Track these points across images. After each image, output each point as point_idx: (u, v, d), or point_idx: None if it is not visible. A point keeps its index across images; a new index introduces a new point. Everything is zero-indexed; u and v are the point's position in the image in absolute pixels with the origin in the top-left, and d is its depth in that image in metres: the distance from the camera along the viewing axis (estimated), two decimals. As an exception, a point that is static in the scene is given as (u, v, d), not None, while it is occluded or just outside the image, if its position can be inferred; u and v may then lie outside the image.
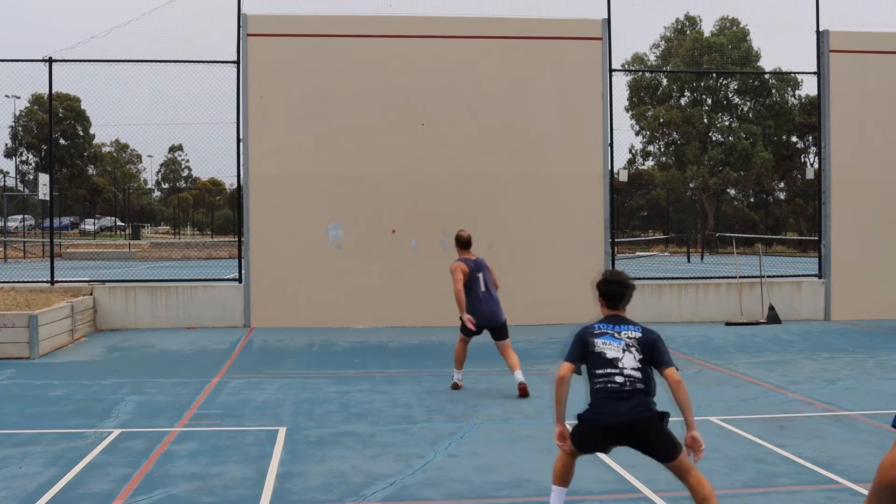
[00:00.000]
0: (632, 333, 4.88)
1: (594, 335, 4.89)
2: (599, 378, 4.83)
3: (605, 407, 4.81)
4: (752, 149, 49.10)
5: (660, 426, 4.84)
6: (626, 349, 4.83)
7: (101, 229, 57.89)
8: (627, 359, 4.81)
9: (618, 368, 4.79)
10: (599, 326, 4.94)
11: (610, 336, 4.87)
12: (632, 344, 4.84)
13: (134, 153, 77.68)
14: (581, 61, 15.55)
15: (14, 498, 5.76)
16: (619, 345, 4.84)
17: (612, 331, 4.89)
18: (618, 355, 4.82)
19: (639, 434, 4.81)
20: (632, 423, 4.78)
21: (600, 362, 4.82)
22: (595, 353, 4.84)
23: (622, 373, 4.79)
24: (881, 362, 11.46)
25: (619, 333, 4.88)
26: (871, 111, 16.27)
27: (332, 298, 14.92)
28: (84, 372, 10.61)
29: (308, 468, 6.46)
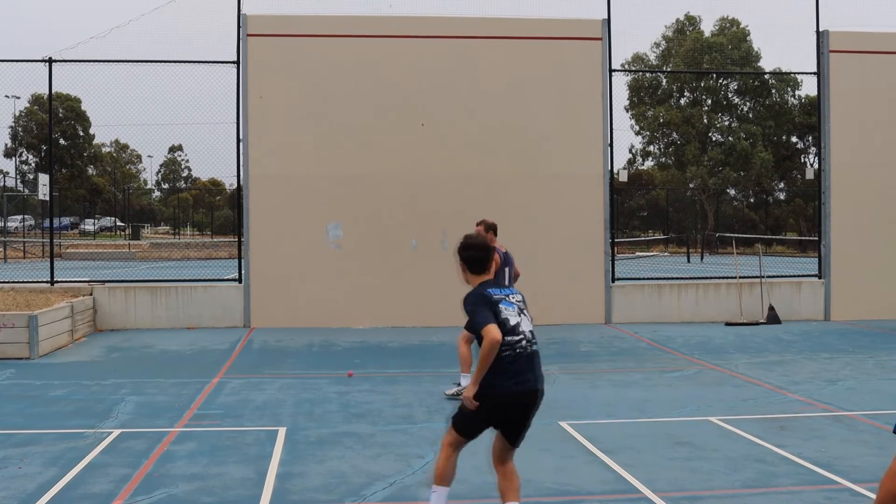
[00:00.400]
0: (517, 296, 4.79)
1: (496, 300, 4.65)
2: (507, 346, 4.57)
3: (522, 374, 4.59)
4: (751, 149, 49.09)
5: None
6: (520, 313, 4.71)
7: (101, 229, 57.87)
8: (524, 322, 4.71)
9: (521, 334, 4.66)
10: (493, 292, 4.71)
11: (506, 301, 4.71)
12: (522, 307, 4.75)
13: (134, 153, 77.70)
14: (581, 61, 15.55)
15: (14, 498, 5.76)
16: (513, 309, 4.69)
17: (503, 295, 4.72)
18: (518, 320, 4.68)
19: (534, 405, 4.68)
20: (539, 391, 4.67)
21: (507, 329, 4.59)
22: (502, 320, 4.59)
23: (526, 338, 4.66)
24: (881, 363, 11.47)
25: (508, 297, 4.74)
26: (871, 111, 16.26)
27: (332, 298, 14.91)
28: (84, 372, 10.61)
29: (308, 468, 6.47)
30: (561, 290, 15.19)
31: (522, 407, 4.64)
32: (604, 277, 15.55)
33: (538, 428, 7.72)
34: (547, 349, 12.64)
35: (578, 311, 15.37)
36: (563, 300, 15.18)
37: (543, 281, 15.21)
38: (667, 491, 5.92)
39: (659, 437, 7.39)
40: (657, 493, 5.88)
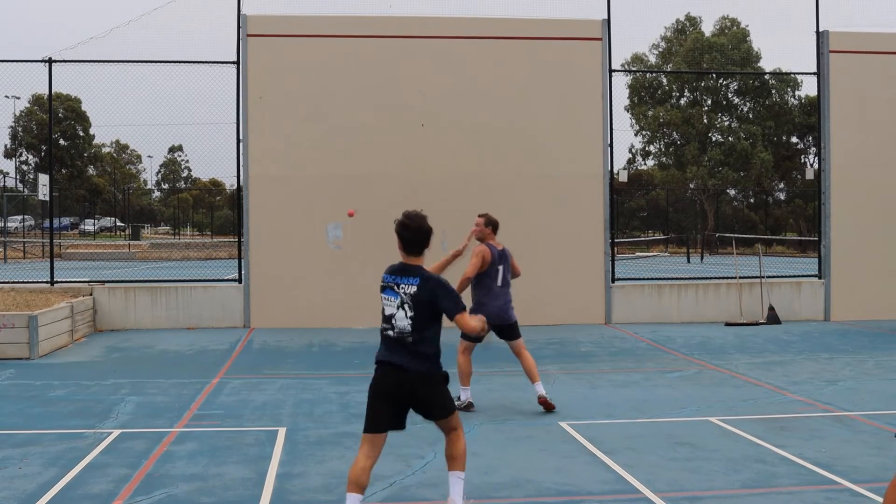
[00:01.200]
0: (412, 289, 4.84)
1: (382, 285, 4.95)
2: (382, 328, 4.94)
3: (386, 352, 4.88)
4: (751, 149, 49.09)
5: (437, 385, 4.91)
6: (401, 305, 4.83)
7: (101, 230, 57.86)
8: (399, 315, 4.84)
9: (390, 324, 4.86)
10: (386, 277, 4.96)
11: (391, 291, 4.89)
12: (406, 301, 4.82)
13: (134, 153, 77.69)
14: (581, 61, 15.55)
15: (14, 498, 5.76)
16: (395, 300, 4.85)
17: (393, 283, 4.90)
18: (393, 312, 4.85)
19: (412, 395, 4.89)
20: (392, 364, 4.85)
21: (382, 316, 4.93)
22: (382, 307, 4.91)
23: (394, 328, 4.84)
24: (881, 363, 11.47)
25: (398, 287, 4.88)
26: (871, 112, 16.26)
27: (332, 299, 14.91)
28: (84, 372, 10.61)
29: (308, 469, 6.47)
30: (561, 290, 15.19)
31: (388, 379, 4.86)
32: (604, 277, 15.55)
33: (538, 428, 7.75)
34: (547, 349, 12.64)
35: (578, 311, 15.36)
36: (562, 300, 15.17)
37: (543, 281, 15.21)
38: (667, 491, 5.92)
39: (659, 438, 7.39)
40: (657, 493, 5.88)
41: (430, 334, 4.87)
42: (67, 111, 59.21)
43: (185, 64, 15.61)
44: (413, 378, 4.80)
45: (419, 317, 4.80)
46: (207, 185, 68.73)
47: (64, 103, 57.67)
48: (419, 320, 4.80)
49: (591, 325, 15.12)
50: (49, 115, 18.64)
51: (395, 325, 4.82)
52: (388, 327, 4.86)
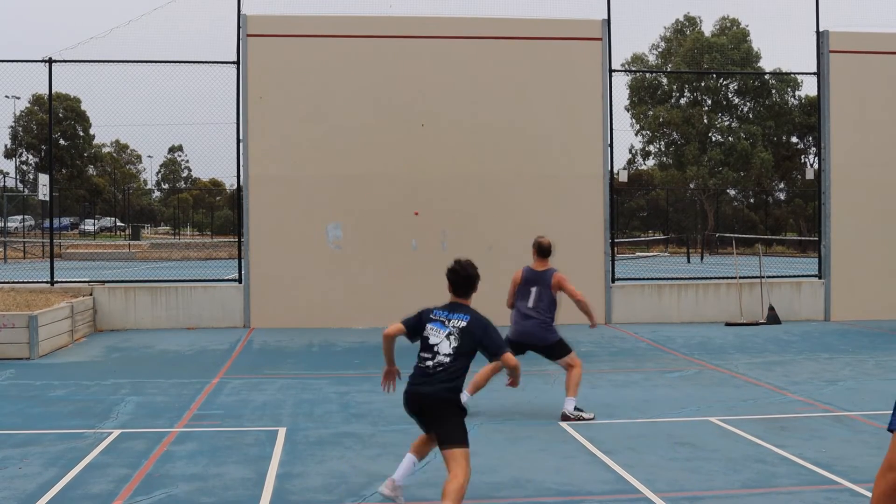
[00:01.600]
0: (458, 323, 5.29)
1: (429, 318, 5.38)
2: (419, 357, 5.34)
3: (413, 383, 5.29)
4: (751, 149, 49.09)
5: (454, 411, 5.20)
6: (448, 336, 5.26)
7: (101, 230, 57.85)
8: (443, 345, 5.24)
9: (433, 352, 5.24)
10: (436, 312, 5.41)
11: (439, 323, 5.33)
12: (454, 333, 5.25)
13: (134, 153, 77.64)
14: (581, 61, 15.55)
15: (14, 498, 5.75)
16: (442, 331, 5.28)
17: (443, 318, 5.34)
18: (438, 340, 5.26)
19: (429, 412, 5.22)
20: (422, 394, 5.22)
21: (424, 345, 5.32)
22: (424, 336, 5.34)
23: (435, 356, 5.23)
24: (881, 363, 11.47)
25: (448, 321, 5.31)
26: (871, 112, 16.26)
27: (332, 299, 14.91)
28: (84, 372, 10.61)
29: (308, 469, 6.46)
30: (561, 290, 15.15)
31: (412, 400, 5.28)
32: (604, 278, 15.55)
33: (538, 428, 7.75)
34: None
35: (578, 311, 15.30)
36: (562, 300, 15.12)
37: (543, 281, 15.20)
38: (667, 491, 5.92)
39: (659, 438, 7.39)
40: (657, 493, 5.88)
41: (462, 365, 5.24)
42: (67, 111, 59.19)
43: (185, 64, 15.61)
44: (434, 401, 5.20)
45: (460, 347, 5.22)
46: (207, 185, 68.72)
47: (64, 103, 57.64)
48: (459, 350, 5.21)
49: (591, 325, 15.09)
50: (49, 115, 18.64)
51: (436, 354, 5.23)
52: (429, 357, 5.26)
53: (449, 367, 5.16)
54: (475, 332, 5.22)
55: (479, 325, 5.24)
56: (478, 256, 15.48)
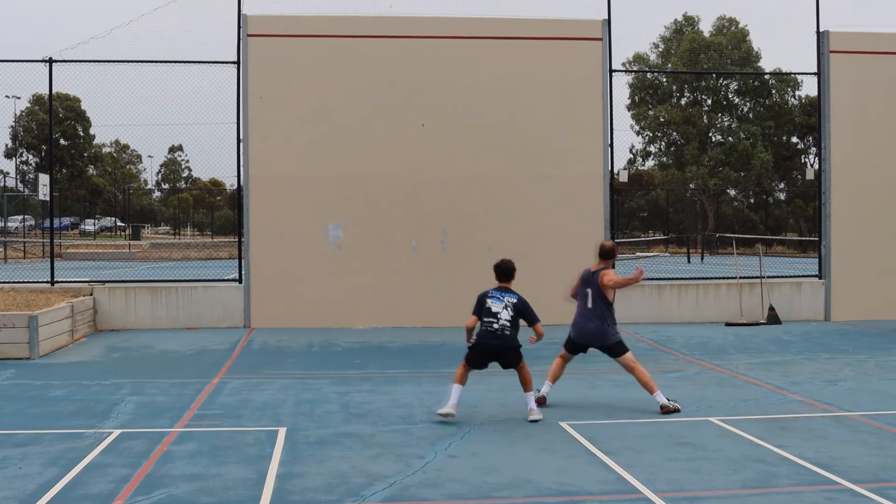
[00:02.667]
0: (510, 300, 8.10)
1: (488, 297, 8.13)
2: (485, 322, 8.05)
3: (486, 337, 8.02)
4: (751, 149, 49.08)
5: (516, 352, 8.09)
6: (504, 307, 8.04)
7: (101, 230, 57.83)
8: (503, 313, 8.03)
9: (495, 317, 8.01)
10: (492, 292, 8.18)
11: (496, 298, 8.11)
12: (508, 305, 8.06)
13: (134, 153, 77.68)
14: (581, 62, 15.54)
15: (14, 498, 5.76)
16: (500, 304, 8.06)
17: (499, 294, 8.15)
18: (498, 310, 8.03)
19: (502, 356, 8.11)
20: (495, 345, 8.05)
21: (487, 313, 8.04)
22: (486, 308, 8.05)
23: (498, 321, 8.00)
24: (881, 363, 11.47)
25: (502, 297, 8.12)
26: (872, 112, 16.26)
27: (332, 299, 14.91)
28: (84, 372, 10.61)
29: (308, 469, 6.47)
30: (561, 290, 15.11)
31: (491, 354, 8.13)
32: (604, 278, 15.52)
33: (539, 428, 7.75)
34: (547, 349, 12.59)
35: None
36: (562, 300, 15.12)
37: (543, 281, 15.19)
38: (667, 491, 5.92)
39: (659, 438, 7.39)
40: (657, 493, 5.88)
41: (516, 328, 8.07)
42: (67, 111, 59.17)
43: (185, 64, 15.60)
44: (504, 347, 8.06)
45: (514, 317, 8.05)
46: (207, 185, 68.70)
47: (64, 103, 57.63)
48: (513, 319, 8.04)
49: (591, 326, 15.08)
50: (49, 115, 18.65)
51: (499, 319, 8.00)
52: (494, 320, 8.00)
53: (510, 328, 7.98)
54: (521, 306, 8.08)
55: (522, 303, 8.11)
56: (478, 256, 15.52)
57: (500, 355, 8.09)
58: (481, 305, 8.06)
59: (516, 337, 8.05)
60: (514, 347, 8.06)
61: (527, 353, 10.51)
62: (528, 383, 8.12)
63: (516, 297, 8.11)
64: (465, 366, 8.16)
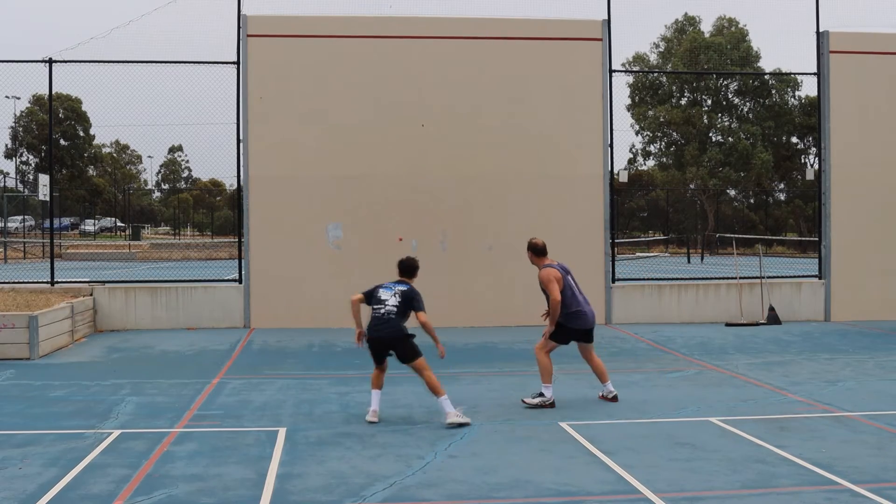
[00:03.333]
0: (400, 289, 8.17)
1: (381, 287, 8.26)
2: (374, 310, 8.12)
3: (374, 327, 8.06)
4: (751, 149, 49.08)
5: (407, 341, 8.01)
6: (392, 296, 8.12)
7: (101, 230, 57.82)
8: (391, 300, 8.09)
9: (383, 304, 8.09)
10: (387, 283, 8.29)
11: (387, 288, 8.22)
12: (397, 294, 8.12)
13: (134, 154, 77.65)
14: (581, 62, 15.55)
15: (14, 499, 5.76)
16: (389, 293, 8.16)
17: (391, 285, 8.24)
18: (386, 298, 8.12)
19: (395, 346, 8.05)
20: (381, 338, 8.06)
21: (376, 301, 8.15)
22: (376, 297, 8.17)
23: (385, 306, 8.06)
24: (881, 363, 11.47)
25: (394, 287, 8.20)
26: (871, 112, 16.26)
27: (332, 299, 14.87)
28: (84, 373, 10.61)
29: (308, 469, 6.47)
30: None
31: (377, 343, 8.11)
32: (604, 278, 15.55)
33: (539, 428, 7.75)
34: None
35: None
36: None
37: (543, 281, 15.19)
38: (667, 491, 5.92)
39: (659, 438, 7.39)
40: (657, 493, 5.88)
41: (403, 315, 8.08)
42: (67, 111, 59.18)
43: (185, 64, 15.59)
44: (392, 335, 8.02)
45: (401, 303, 8.08)
46: (207, 186, 68.69)
47: (64, 103, 57.64)
48: (400, 305, 8.07)
49: (591, 326, 15.08)
50: (49, 115, 18.64)
51: (385, 304, 8.06)
52: (381, 307, 8.09)
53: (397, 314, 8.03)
54: (410, 296, 8.10)
55: (412, 293, 8.14)
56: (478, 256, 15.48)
57: (391, 345, 8.02)
58: (372, 294, 8.19)
59: (404, 325, 8.03)
60: (402, 335, 7.99)
61: (519, 355, 10.55)
62: (435, 387, 7.86)
63: (407, 286, 8.19)
64: (376, 368, 8.21)
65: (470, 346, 12.73)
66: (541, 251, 8.98)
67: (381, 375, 8.18)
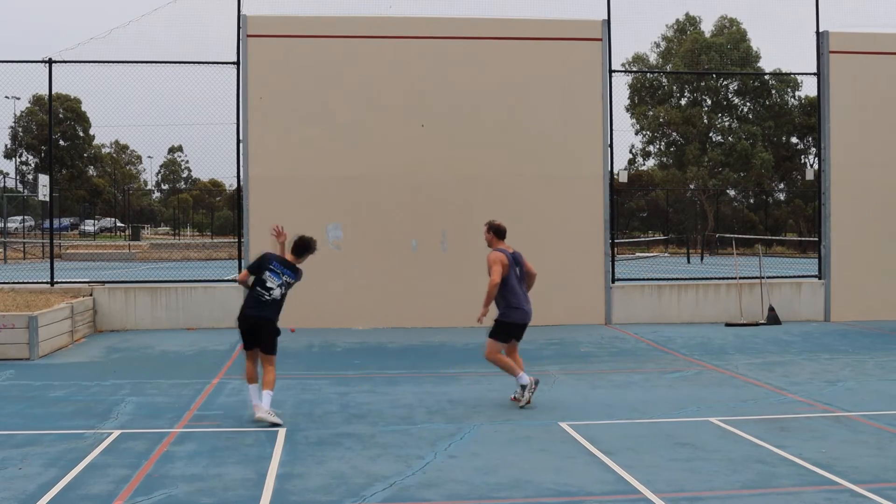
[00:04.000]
0: (288, 279, 8.07)
1: (268, 266, 8.05)
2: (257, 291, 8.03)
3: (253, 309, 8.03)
4: (751, 149, 49.09)
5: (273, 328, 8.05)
6: (279, 285, 8.00)
7: (101, 230, 57.80)
8: (276, 288, 8.00)
9: (268, 290, 7.99)
10: (275, 264, 8.10)
11: (274, 272, 8.03)
12: (284, 284, 8.03)
13: (134, 154, 77.67)
14: (581, 62, 15.55)
15: (14, 499, 5.76)
16: (276, 278, 8.01)
17: (277, 269, 8.05)
18: (272, 284, 7.99)
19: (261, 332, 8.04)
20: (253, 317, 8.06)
21: (262, 284, 8.00)
22: (262, 279, 8.00)
23: (270, 293, 7.99)
24: (881, 363, 11.47)
25: (282, 273, 8.05)
26: (871, 112, 16.26)
27: (332, 299, 14.90)
28: (84, 373, 10.61)
29: (308, 469, 6.47)
30: (561, 290, 15.17)
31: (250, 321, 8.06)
32: (604, 278, 15.55)
33: (538, 428, 7.75)
34: (547, 349, 12.64)
35: (578, 311, 15.36)
36: (563, 301, 15.16)
37: (543, 281, 15.11)
38: (667, 491, 5.92)
39: (659, 438, 7.39)
40: (657, 493, 5.88)
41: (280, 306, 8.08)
42: (67, 111, 59.18)
43: (185, 64, 15.59)
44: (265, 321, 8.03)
45: (284, 295, 8.07)
46: (207, 186, 68.69)
47: (64, 104, 57.65)
48: (283, 298, 8.07)
49: (591, 326, 15.12)
50: (49, 115, 18.64)
51: (271, 293, 8.00)
52: (266, 293, 8.00)
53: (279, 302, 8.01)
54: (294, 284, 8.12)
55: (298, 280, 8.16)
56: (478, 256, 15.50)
57: (259, 329, 7.97)
58: (260, 269, 8.04)
59: (277, 318, 8.07)
60: (273, 326, 8.02)
61: (525, 354, 10.55)
62: (271, 382, 7.93)
63: (294, 276, 8.11)
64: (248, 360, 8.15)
65: (470, 346, 12.73)
66: (501, 234, 8.86)
67: (254, 368, 8.08)
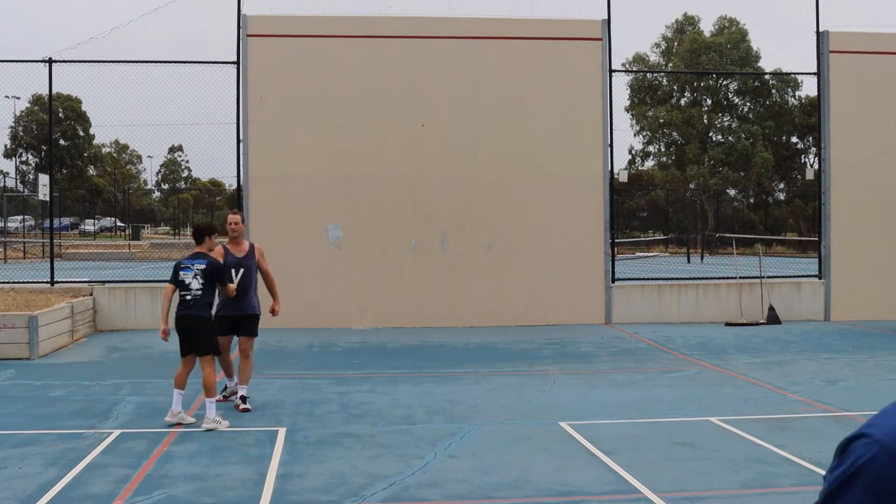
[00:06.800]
0: (199, 267, 7.86)
1: (181, 268, 7.86)
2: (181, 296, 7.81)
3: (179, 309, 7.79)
4: (751, 149, 49.08)
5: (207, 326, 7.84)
6: (194, 277, 7.82)
7: (101, 230, 57.79)
8: (194, 283, 7.81)
9: (189, 289, 7.79)
10: (185, 262, 7.94)
11: (188, 269, 7.84)
12: (198, 274, 7.82)
13: (134, 154, 77.64)
14: (581, 62, 15.55)
15: (14, 499, 5.76)
16: (191, 274, 7.83)
17: (189, 264, 7.87)
18: (190, 281, 7.81)
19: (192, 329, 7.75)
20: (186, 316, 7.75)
21: (183, 286, 7.83)
22: (180, 281, 7.84)
23: (191, 293, 7.78)
24: (881, 363, 11.47)
25: (192, 265, 7.86)
26: (871, 112, 16.26)
27: (332, 299, 14.91)
28: (84, 373, 10.61)
29: (308, 469, 6.46)
30: (561, 290, 15.19)
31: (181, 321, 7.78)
32: (604, 278, 15.55)
33: (538, 428, 7.75)
34: (547, 349, 12.64)
35: (578, 311, 15.37)
36: (563, 300, 15.17)
37: (543, 281, 15.23)
38: (667, 491, 5.92)
39: (659, 438, 7.39)
40: (657, 493, 5.87)
41: (210, 297, 7.92)
42: (67, 111, 59.17)
43: (185, 64, 15.61)
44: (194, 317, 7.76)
45: (206, 284, 7.84)
46: (207, 185, 68.69)
47: (64, 103, 57.62)
48: (205, 286, 7.84)
49: (591, 326, 15.12)
50: (49, 115, 18.64)
51: (191, 290, 7.77)
52: (187, 293, 7.79)
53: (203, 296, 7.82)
54: (208, 271, 7.86)
55: (211, 266, 7.90)
56: (478, 256, 15.45)
57: (191, 329, 7.69)
58: (176, 274, 7.86)
59: (207, 313, 7.86)
60: (203, 322, 7.77)
61: (519, 355, 10.60)
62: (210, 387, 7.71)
63: (205, 262, 7.88)
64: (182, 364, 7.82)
65: (470, 346, 12.73)
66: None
67: (186, 373, 7.80)
